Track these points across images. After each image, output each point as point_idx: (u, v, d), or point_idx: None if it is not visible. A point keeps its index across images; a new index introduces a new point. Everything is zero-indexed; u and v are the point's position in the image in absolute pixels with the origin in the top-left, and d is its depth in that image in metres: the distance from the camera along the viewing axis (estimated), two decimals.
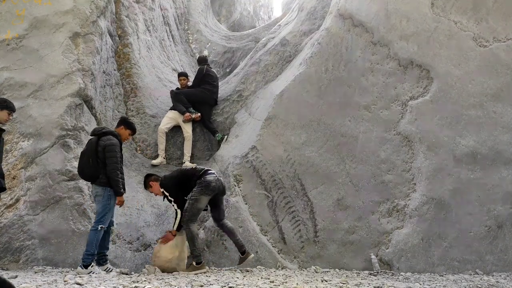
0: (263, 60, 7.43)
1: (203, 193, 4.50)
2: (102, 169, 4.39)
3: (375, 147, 5.49)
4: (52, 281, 3.52)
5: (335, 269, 4.94)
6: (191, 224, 4.47)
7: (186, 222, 4.46)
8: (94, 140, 4.49)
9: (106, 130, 4.63)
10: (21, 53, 5.64)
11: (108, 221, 4.42)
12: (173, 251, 4.53)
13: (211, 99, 7.16)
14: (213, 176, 4.65)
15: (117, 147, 4.49)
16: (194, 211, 4.49)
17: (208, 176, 4.61)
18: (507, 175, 5.29)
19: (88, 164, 4.40)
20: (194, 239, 4.43)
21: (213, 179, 4.58)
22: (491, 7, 5.77)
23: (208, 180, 4.55)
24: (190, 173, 4.81)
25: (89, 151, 4.45)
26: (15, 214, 4.86)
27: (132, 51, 7.29)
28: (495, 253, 5.04)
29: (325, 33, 6.17)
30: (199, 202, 4.49)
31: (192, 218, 4.50)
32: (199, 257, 4.44)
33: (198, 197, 4.48)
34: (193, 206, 4.47)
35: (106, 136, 4.50)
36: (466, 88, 5.57)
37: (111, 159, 4.38)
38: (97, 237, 4.28)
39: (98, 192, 4.39)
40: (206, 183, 4.54)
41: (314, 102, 5.80)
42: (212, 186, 4.53)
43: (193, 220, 4.52)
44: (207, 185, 4.52)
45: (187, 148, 6.65)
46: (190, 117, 6.73)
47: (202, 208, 4.56)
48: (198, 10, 11.38)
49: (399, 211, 5.20)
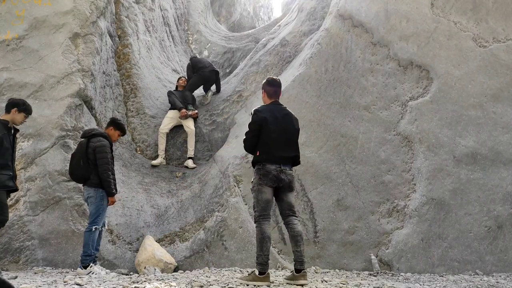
0: (263, 61, 7.44)
1: (263, 183, 3.71)
2: (93, 170, 4.45)
3: (375, 148, 5.49)
4: (52, 282, 3.52)
5: (335, 269, 4.94)
6: (263, 222, 3.67)
7: (258, 219, 3.70)
8: (84, 142, 4.56)
9: (95, 131, 4.67)
10: (21, 53, 5.65)
11: (102, 221, 4.48)
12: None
13: (211, 75, 7.65)
14: (274, 166, 3.76)
15: (108, 148, 4.55)
16: (263, 205, 3.69)
17: (269, 164, 3.75)
18: (507, 175, 5.29)
19: (79, 165, 4.47)
20: (264, 242, 3.60)
21: (274, 169, 3.73)
22: (491, 7, 5.77)
23: (267, 169, 3.73)
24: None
25: (80, 153, 4.52)
26: (15, 215, 4.86)
27: (132, 52, 7.29)
28: (495, 254, 5.04)
29: (325, 34, 6.17)
30: (263, 192, 3.71)
31: (263, 213, 3.69)
32: (264, 266, 3.57)
33: (258, 187, 3.73)
34: (259, 199, 3.72)
35: (96, 138, 4.55)
36: (466, 89, 5.58)
37: (102, 160, 4.44)
38: (92, 238, 4.36)
39: (90, 194, 4.45)
40: (265, 171, 3.72)
41: (314, 103, 5.80)
42: (271, 175, 3.71)
43: (266, 217, 3.70)
44: (266, 174, 3.72)
45: (190, 143, 6.79)
46: (186, 113, 6.83)
47: (270, 198, 3.73)
48: (198, 11, 11.38)
49: (399, 212, 5.20)
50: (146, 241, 4.98)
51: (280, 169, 3.73)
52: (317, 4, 7.60)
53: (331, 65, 5.94)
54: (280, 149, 3.74)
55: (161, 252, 4.84)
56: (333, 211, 5.25)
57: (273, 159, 3.73)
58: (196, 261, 5.00)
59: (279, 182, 3.73)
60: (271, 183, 3.71)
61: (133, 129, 6.91)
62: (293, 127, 3.87)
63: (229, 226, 5.11)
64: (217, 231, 5.09)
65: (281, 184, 3.74)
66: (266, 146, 3.74)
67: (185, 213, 5.61)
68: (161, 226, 5.45)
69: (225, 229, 5.10)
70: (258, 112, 3.80)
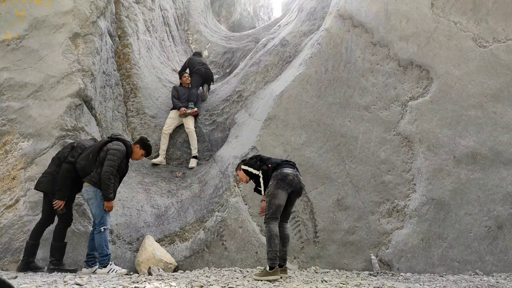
0: (263, 61, 7.44)
1: (279, 186, 4.01)
2: (96, 168, 4.43)
3: (375, 148, 5.49)
4: (52, 282, 3.52)
5: (335, 269, 4.94)
6: (272, 222, 3.98)
7: (267, 220, 4.01)
8: (105, 141, 4.60)
9: (121, 138, 4.69)
10: (21, 53, 5.64)
11: (108, 220, 4.46)
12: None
13: (206, 72, 7.92)
14: (291, 170, 4.16)
15: (121, 154, 4.48)
16: (274, 208, 3.99)
17: (286, 169, 4.12)
18: (507, 175, 5.29)
19: (88, 157, 4.48)
20: (272, 240, 3.90)
21: (291, 173, 4.08)
22: (491, 7, 5.78)
23: (285, 173, 4.06)
24: (265, 158, 4.46)
25: (95, 147, 4.53)
26: (15, 215, 4.86)
27: (132, 52, 7.29)
28: (495, 254, 5.04)
29: (325, 34, 6.17)
30: (277, 198, 4.00)
31: (273, 216, 4.00)
32: (273, 261, 3.89)
33: (274, 192, 4.01)
34: (272, 203, 4.00)
35: (116, 141, 4.58)
36: (466, 89, 5.58)
37: (109, 161, 4.40)
38: (104, 238, 4.37)
39: (90, 195, 4.44)
40: (283, 175, 4.04)
41: (314, 103, 5.80)
42: (289, 180, 4.02)
43: (275, 218, 4.00)
44: (283, 178, 4.03)
45: (192, 142, 6.86)
46: (185, 111, 6.86)
47: (282, 204, 4.03)
48: (198, 11, 11.38)
49: (399, 212, 5.20)
50: (146, 241, 4.98)
51: (295, 174, 4.09)
52: (317, 4, 7.60)
53: (331, 65, 5.94)
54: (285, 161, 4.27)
55: (161, 252, 4.84)
56: (333, 211, 5.25)
57: (288, 165, 4.14)
58: (196, 261, 5.00)
59: (294, 186, 4.07)
60: (288, 187, 4.03)
61: (133, 129, 6.91)
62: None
63: (229, 226, 5.11)
64: (217, 231, 5.09)
65: (294, 188, 4.08)
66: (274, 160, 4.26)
67: (185, 213, 5.61)
68: (161, 226, 5.45)
69: (225, 229, 5.10)
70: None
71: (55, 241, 4.45)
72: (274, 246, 3.89)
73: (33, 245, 4.46)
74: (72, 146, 4.66)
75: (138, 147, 4.84)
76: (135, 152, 4.79)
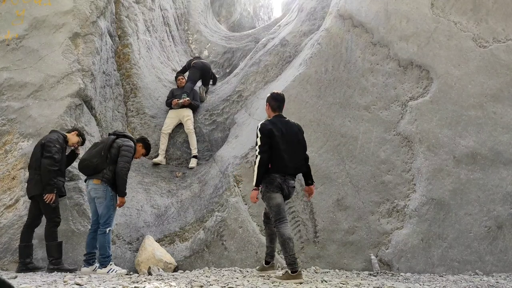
0: (263, 61, 7.44)
1: (269, 190, 3.99)
2: (108, 165, 4.43)
3: (375, 148, 5.49)
4: (51, 282, 3.52)
5: (335, 269, 4.94)
6: (280, 226, 3.89)
7: (275, 224, 3.94)
8: (112, 138, 4.63)
9: (128, 135, 4.81)
10: (21, 53, 5.64)
11: (113, 221, 4.47)
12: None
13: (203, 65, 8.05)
14: (278, 173, 4.05)
15: (133, 151, 4.64)
16: (276, 209, 3.94)
17: (274, 173, 4.04)
18: (507, 175, 5.29)
19: (99, 154, 4.48)
20: (286, 244, 3.80)
21: (278, 176, 4.02)
22: (491, 7, 5.77)
23: (273, 176, 4.02)
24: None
25: (104, 144, 4.55)
26: (15, 214, 4.86)
27: (132, 52, 7.29)
28: (495, 254, 5.04)
29: (325, 34, 6.17)
30: (273, 198, 3.97)
31: (278, 217, 3.93)
32: (293, 265, 3.79)
33: (267, 195, 4.01)
34: (271, 206, 3.98)
35: (125, 138, 4.66)
36: (466, 89, 5.58)
37: (124, 157, 4.45)
38: (107, 239, 4.39)
39: (98, 194, 4.41)
40: (271, 179, 4.01)
41: (314, 103, 5.80)
42: (277, 183, 3.99)
43: (281, 220, 3.91)
44: (271, 182, 4.00)
45: (191, 143, 6.88)
46: (177, 102, 7.02)
47: (280, 202, 3.97)
48: (198, 11, 11.38)
49: (399, 212, 5.20)
50: (146, 241, 4.98)
51: (284, 179, 4.02)
52: (317, 4, 7.60)
53: (331, 65, 5.94)
54: (285, 160, 4.00)
55: (161, 252, 4.84)
56: (333, 211, 5.25)
57: (277, 169, 4.00)
58: (196, 261, 5.00)
59: (282, 190, 4.02)
60: (277, 190, 3.99)
61: (133, 129, 6.91)
62: (297, 138, 4.14)
63: (229, 226, 5.11)
64: (217, 231, 5.09)
65: (283, 192, 4.04)
66: (274, 158, 4.01)
67: (185, 213, 5.61)
68: (161, 226, 5.45)
69: (225, 229, 5.10)
70: (264, 125, 4.04)
71: (48, 241, 4.46)
72: (290, 251, 3.80)
73: (25, 246, 4.46)
74: (41, 144, 4.63)
75: (141, 146, 4.91)
76: (137, 151, 4.83)
